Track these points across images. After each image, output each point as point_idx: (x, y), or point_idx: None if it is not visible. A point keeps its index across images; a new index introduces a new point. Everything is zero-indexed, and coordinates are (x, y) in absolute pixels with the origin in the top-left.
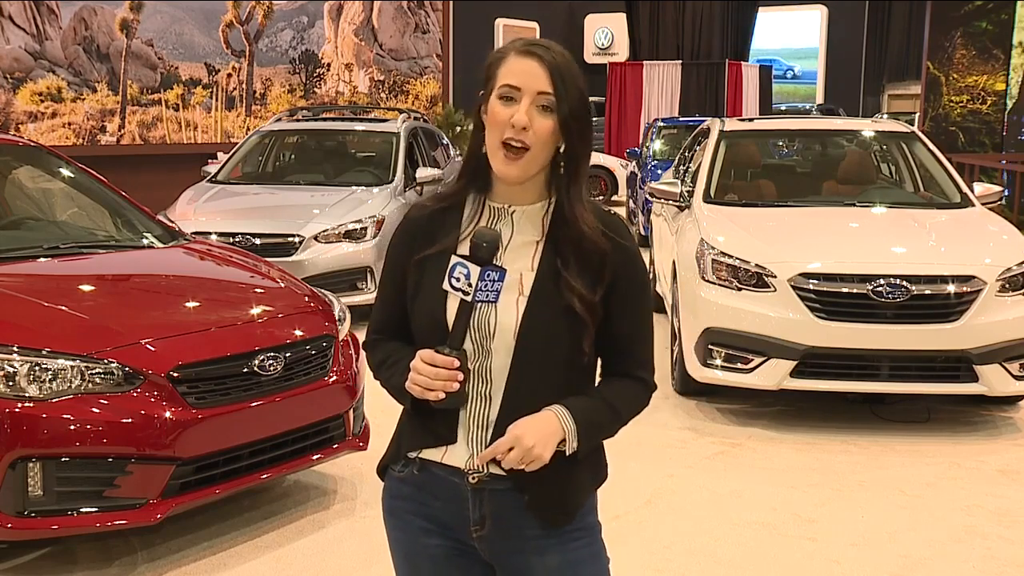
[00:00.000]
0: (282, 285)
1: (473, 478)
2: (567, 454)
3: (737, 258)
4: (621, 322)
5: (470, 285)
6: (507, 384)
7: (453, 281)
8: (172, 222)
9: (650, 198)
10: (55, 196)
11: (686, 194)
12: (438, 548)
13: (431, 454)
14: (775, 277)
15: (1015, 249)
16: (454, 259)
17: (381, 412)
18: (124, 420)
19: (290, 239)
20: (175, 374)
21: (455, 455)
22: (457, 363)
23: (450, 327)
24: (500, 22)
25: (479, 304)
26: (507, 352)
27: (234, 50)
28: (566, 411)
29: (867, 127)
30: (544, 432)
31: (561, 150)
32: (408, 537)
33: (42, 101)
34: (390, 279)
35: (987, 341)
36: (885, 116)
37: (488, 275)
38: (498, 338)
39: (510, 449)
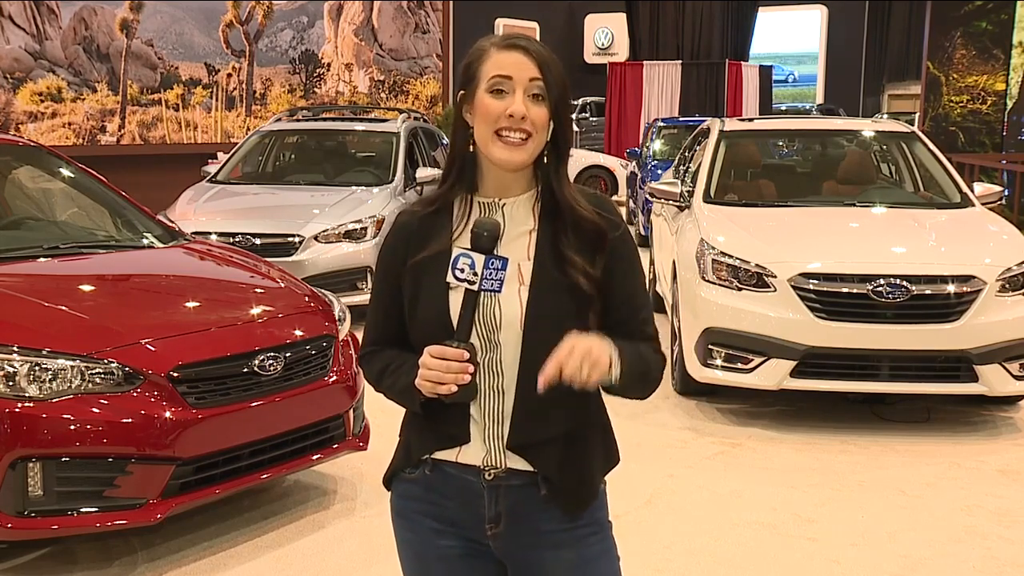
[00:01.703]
0: (282, 285)
1: (489, 474)
2: (611, 381)
3: (737, 258)
4: (624, 298)
5: (475, 274)
6: (520, 374)
7: (457, 272)
8: (172, 222)
9: (650, 198)
10: (55, 196)
11: (686, 194)
12: (451, 548)
13: (444, 454)
14: (775, 277)
15: (1015, 249)
16: (456, 250)
17: (381, 412)
18: (124, 420)
19: (290, 239)
20: (175, 374)
21: (470, 453)
22: (467, 354)
23: (455, 324)
24: (500, 22)
25: (484, 294)
26: (516, 343)
27: (234, 50)
28: (606, 339)
29: (867, 127)
30: (596, 339)
31: (548, 138)
32: (419, 538)
33: (42, 101)
34: (385, 287)
35: (987, 341)
36: (885, 116)
37: (492, 263)
38: (505, 330)
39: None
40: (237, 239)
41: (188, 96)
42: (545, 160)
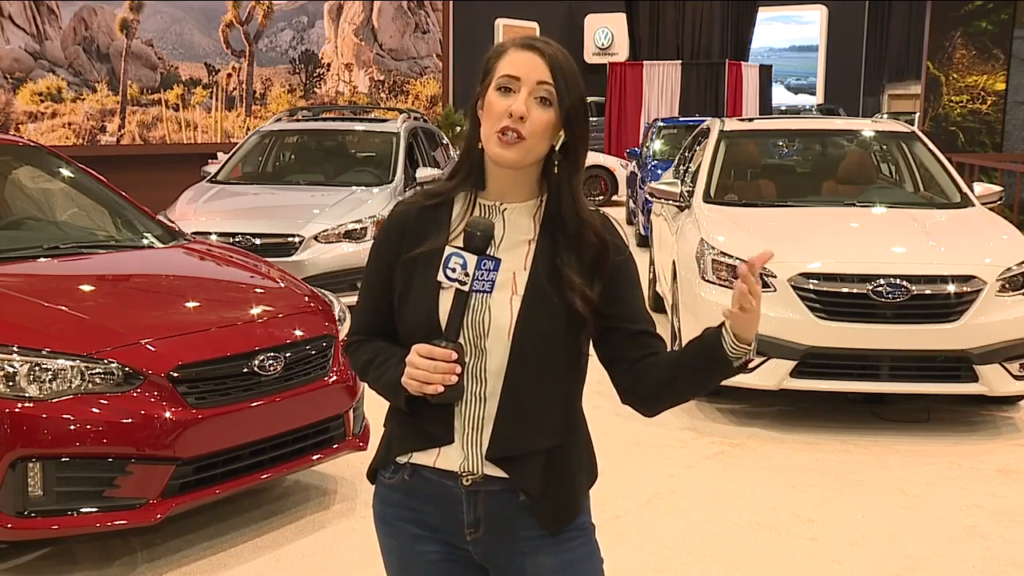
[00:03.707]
0: (282, 285)
1: (467, 480)
2: (745, 360)
3: (737, 258)
4: (632, 313)
5: (467, 275)
6: (505, 383)
7: (448, 272)
8: (172, 222)
9: (650, 198)
10: (55, 196)
11: (686, 194)
12: (432, 554)
13: (422, 458)
14: (775, 277)
15: (1015, 249)
16: (449, 249)
17: (381, 411)
18: (124, 420)
19: (290, 239)
20: (175, 374)
21: (448, 458)
22: (455, 355)
23: (443, 323)
24: (500, 22)
25: (474, 295)
26: (503, 352)
27: (234, 50)
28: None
29: (867, 127)
30: None
31: (556, 147)
32: (401, 544)
33: (42, 101)
34: (376, 278)
35: (987, 341)
36: (885, 116)
37: (484, 264)
38: (492, 337)
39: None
40: (237, 239)
41: (188, 96)
42: (556, 169)
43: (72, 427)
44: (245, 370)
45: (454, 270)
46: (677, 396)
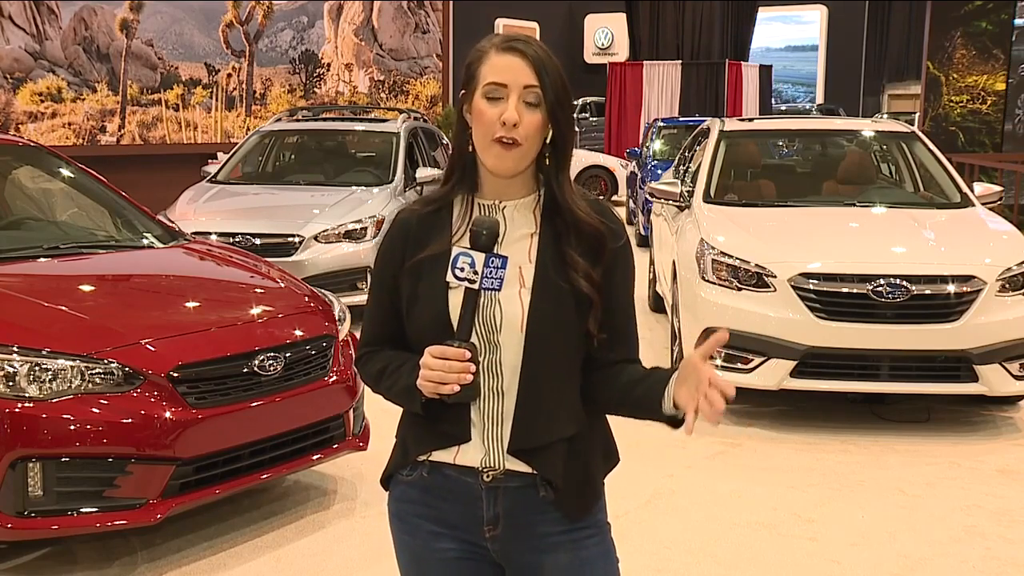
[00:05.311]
0: (282, 285)
1: (488, 476)
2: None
3: (737, 258)
4: (618, 307)
5: (475, 273)
6: (521, 376)
7: (457, 271)
8: (172, 222)
9: (650, 198)
10: (55, 196)
11: (686, 194)
12: (449, 551)
13: (442, 455)
14: (775, 277)
15: (1015, 249)
16: (456, 250)
17: (381, 412)
18: (124, 420)
19: (290, 239)
20: (175, 374)
21: (468, 455)
22: (468, 354)
23: (455, 324)
24: (500, 22)
25: (484, 293)
26: (517, 345)
27: (234, 50)
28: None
29: (867, 127)
30: None
31: (547, 141)
32: (417, 541)
33: (42, 101)
34: (382, 287)
35: (987, 341)
36: (885, 116)
37: (492, 261)
38: (505, 332)
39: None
40: (237, 239)
41: (188, 96)
42: (547, 163)
43: (72, 427)
44: (245, 370)
45: (462, 269)
46: (627, 415)
